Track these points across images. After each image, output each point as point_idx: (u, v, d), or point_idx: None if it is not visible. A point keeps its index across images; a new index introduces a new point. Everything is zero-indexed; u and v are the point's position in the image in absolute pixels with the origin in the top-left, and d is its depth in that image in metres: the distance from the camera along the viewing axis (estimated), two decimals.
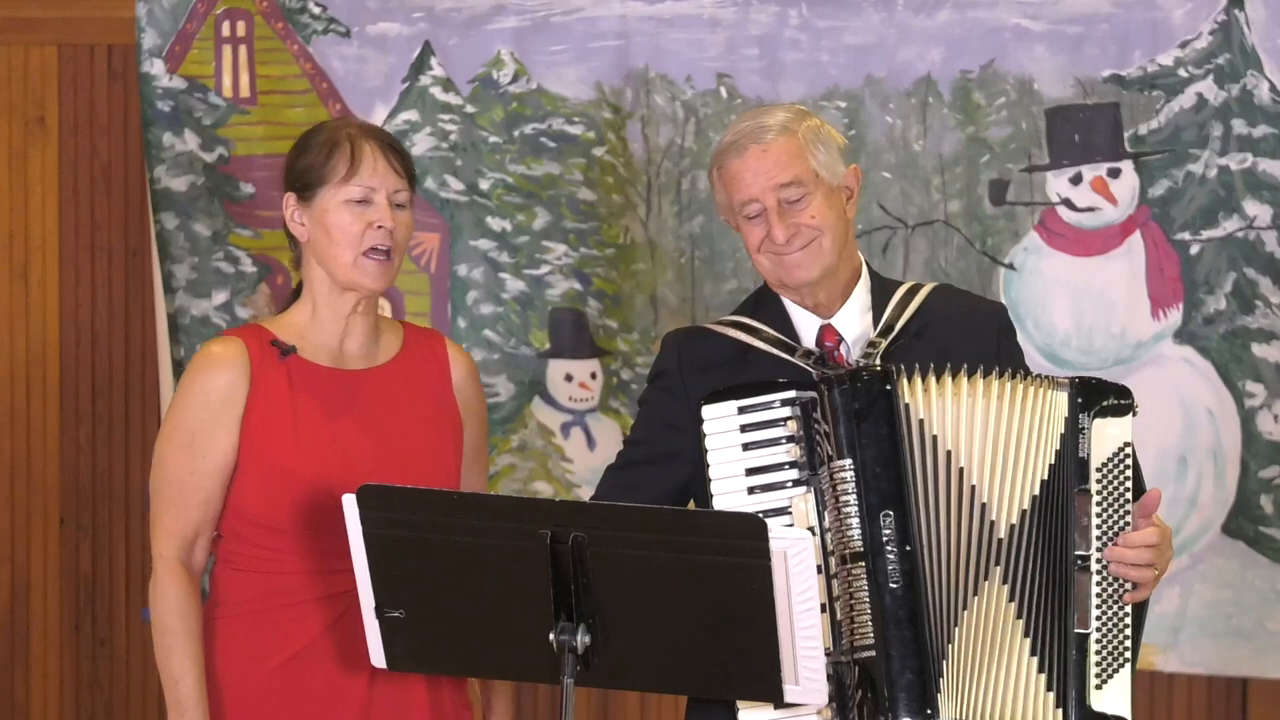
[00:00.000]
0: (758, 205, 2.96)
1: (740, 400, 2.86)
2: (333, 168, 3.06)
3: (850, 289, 3.02)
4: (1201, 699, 4.33)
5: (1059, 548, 2.82)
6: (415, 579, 2.77)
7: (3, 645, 4.75)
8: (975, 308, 3.10)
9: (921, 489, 2.82)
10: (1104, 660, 2.82)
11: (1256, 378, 4.15)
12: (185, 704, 3.03)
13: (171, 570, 3.05)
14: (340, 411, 3.08)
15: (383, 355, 3.16)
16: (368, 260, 3.06)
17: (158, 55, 4.44)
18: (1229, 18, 4.10)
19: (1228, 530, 4.17)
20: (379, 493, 2.75)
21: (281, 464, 3.02)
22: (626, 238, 4.35)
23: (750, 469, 2.86)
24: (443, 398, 3.18)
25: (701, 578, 2.64)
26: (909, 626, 2.79)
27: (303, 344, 3.10)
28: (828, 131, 3.01)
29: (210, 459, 3.05)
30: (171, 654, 3.04)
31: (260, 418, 3.05)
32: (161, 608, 3.06)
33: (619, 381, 4.37)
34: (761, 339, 3.01)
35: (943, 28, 4.20)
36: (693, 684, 2.82)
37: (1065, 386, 2.86)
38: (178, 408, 3.08)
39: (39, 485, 4.72)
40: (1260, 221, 4.12)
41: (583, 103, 4.34)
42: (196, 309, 4.48)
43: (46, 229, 4.70)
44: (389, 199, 3.06)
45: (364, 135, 3.09)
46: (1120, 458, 2.84)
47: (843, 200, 3.00)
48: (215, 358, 3.07)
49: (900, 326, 2.98)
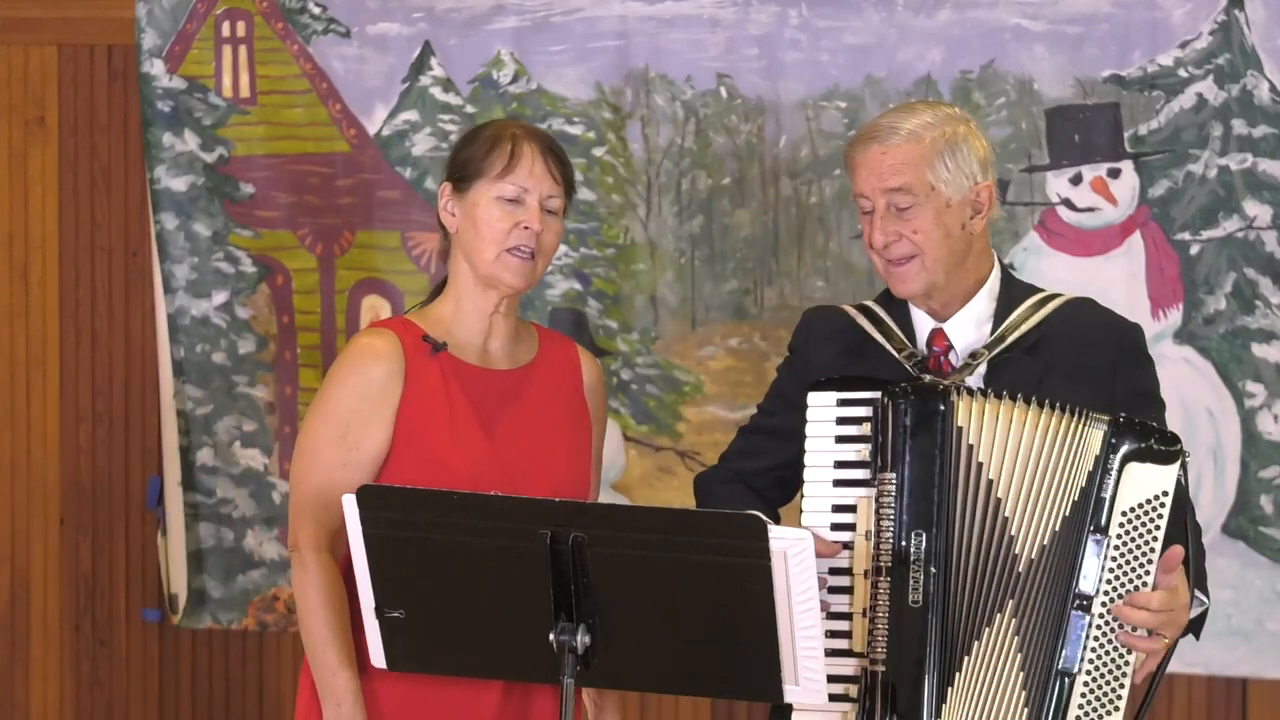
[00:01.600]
0: (868, 202, 2.96)
1: (840, 393, 2.88)
2: (491, 162, 3.05)
3: (971, 295, 3.00)
4: (1201, 699, 4.33)
5: (1063, 584, 2.79)
6: (415, 579, 2.77)
7: (3, 645, 4.75)
8: (1102, 326, 3.02)
9: (958, 513, 2.80)
10: (1091, 703, 2.79)
11: (1256, 378, 4.15)
12: (344, 697, 2.99)
13: (321, 559, 3.02)
14: (491, 411, 3.07)
15: (524, 357, 3.15)
16: (510, 256, 3.04)
17: (158, 55, 4.44)
18: (1229, 18, 4.10)
19: (1228, 530, 4.17)
20: (379, 493, 2.76)
21: (437, 458, 3.00)
22: (626, 238, 4.35)
23: (838, 462, 2.87)
24: (577, 403, 3.18)
25: (702, 578, 2.64)
26: (922, 648, 2.78)
27: (449, 340, 3.08)
28: (969, 142, 2.96)
29: (364, 450, 3.01)
30: (328, 644, 2.99)
31: (415, 411, 3.02)
32: (315, 598, 3.01)
33: (619, 381, 4.37)
34: (882, 332, 3.01)
35: (943, 28, 4.20)
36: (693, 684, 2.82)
37: (1103, 424, 2.80)
38: (331, 398, 3.04)
39: (39, 485, 4.72)
40: (1260, 221, 4.12)
41: (583, 103, 4.34)
42: (196, 309, 4.48)
43: (46, 229, 4.70)
44: (541, 202, 3.06)
45: (528, 136, 3.08)
46: (1154, 506, 2.78)
47: (962, 216, 2.95)
48: (372, 349, 3.04)
49: (1012, 340, 2.95)
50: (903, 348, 2.98)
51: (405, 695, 3.03)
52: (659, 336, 4.35)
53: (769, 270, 4.30)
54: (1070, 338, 2.96)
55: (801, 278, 4.27)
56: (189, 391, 4.50)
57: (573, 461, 3.13)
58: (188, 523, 4.53)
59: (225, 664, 4.69)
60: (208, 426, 4.52)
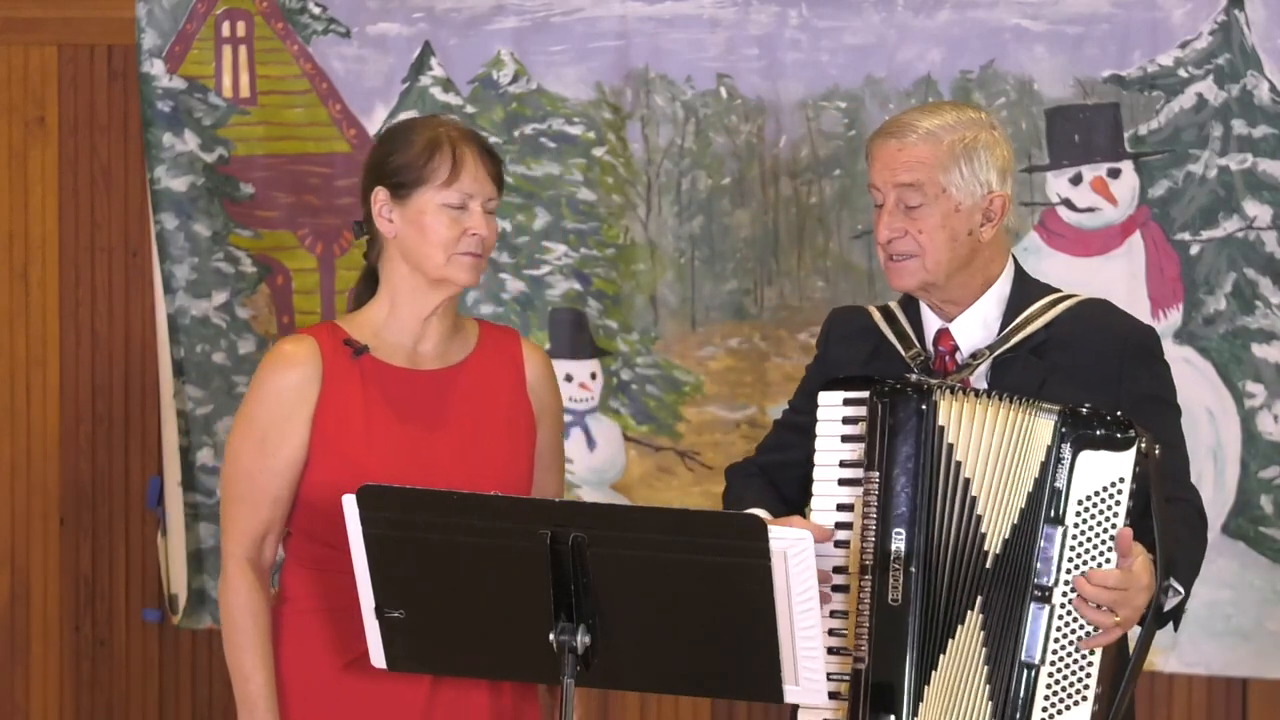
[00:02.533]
0: (879, 195, 2.98)
1: (846, 392, 2.90)
2: (434, 170, 3.05)
3: (978, 296, 3.00)
4: (1201, 699, 4.32)
5: (1024, 577, 2.80)
6: (415, 579, 2.77)
7: (3, 645, 4.75)
8: (1111, 328, 3.02)
9: (938, 512, 2.82)
10: (1056, 695, 2.79)
11: (1256, 378, 4.15)
12: (255, 703, 3.03)
13: (241, 568, 3.06)
14: (413, 412, 3.08)
15: (457, 355, 3.16)
16: (462, 257, 3.06)
17: (158, 55, 4.44)
18: (1229, 18, 4.09)
19: (1228, 530, 4.17)
20: (378, 493, 2.76)
21: (353, 462, 3.01)
22: (626, 238, 4.35)
23: (843, 461, 2.89)
24: (517, 398, 3.18)
25: (702, 578, 2.64)
26: (900, 646, 2.80)
27: (377, 343, 3.10)
28: (990, 150, 2.96)
29: (281, 457, 3.04)
30: (243, 652, 3.05)
31: (332, 416, 3.04)
32: (232, 605, 3.06)
33: (619, 382, 4.37)
34: (894, 332, 3.04)
35: (943, 28, 4.20)
36: (693, 684, 2.82)
37: (1052, 414, 2.81)
38: (250, 405, 3.08)
39: (39, 486, 4.72)
40: (1260, 222, 4.12)
41: (583, 103, 4.34)
42: (196, 309, 4.48)
43: (46, 229, 4.70)
44: (483, 205, 3.07)
45: (464, 139, 3.09)
46: (1110, 494, 2.78)
47: (971, 222, 2.95)
48: (288, 356, 3.07)
49: (1017, 341, 2.96)
50: (911, 347, 3.00)
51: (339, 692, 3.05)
52: (659, 337, 4.35)
53: (769, 270, 4.30)
54: (1078, 339, 2.97)
55: (801, 278, 4.27)
56: (189, 391, 4.50)
57: (509, 458, 3.12)
58: (188, 523, 4.53)
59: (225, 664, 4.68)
60: (208, 427, 4.52)
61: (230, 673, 3.08)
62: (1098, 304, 3.07)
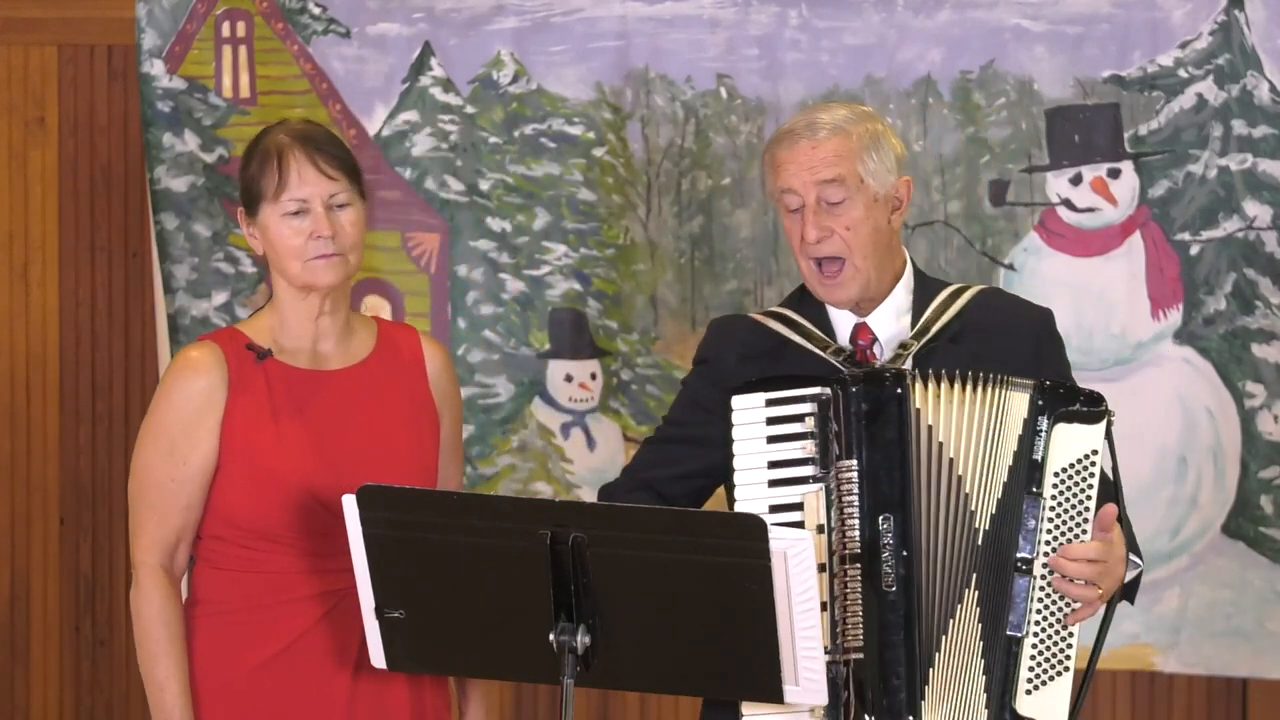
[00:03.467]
0: (797, 198, 2.97)
1: (768, 393, 2.88)
2: (266, 184, 3.06)
3: (890, 289, 3.02)
4: (1201, 699, 4.33)
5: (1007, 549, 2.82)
6: (415, 579, 2.77)
7: (3, 645, 4.75)
8: (1017, 313, 3.07)
9: (924, 494, 2.82)
10: (1040, 665, 2.80)
11: (1256, 378, 4.15)
12: (170, 712, 3.03)
13: (154, 577, 3.05)
14: (320, 412, 3.08)
15: (358, 353, 3.16)
16: (315, 262, 3.05)
17: (158, 56, 4.44)
18: (1229, 18, 4.10)
19: (1227, 530, 4.17)
20: (379, 493, 2.75)
21: (264, 466, 3.02)
22: (626, 238, 4.35)
23: (772, 462, 2.87)
24: (419, 393, 3.18)
25: (701, 578, 2.64)
26: (901, 632, 2.79)
27: (277, 347, 3.10)
28: (887, 139, 3.00)
29: (191, 465, 3.04)
30: (156, 661, 3.03)
31: (241, 421, 3.05)
32: (146, 615, 3.05)
33: (619, 382, 4.37)
34: (799, 333, 3.02)
35: (943, 28, 4.20)
36: (692, 685, 2.82)
37: (1027, 389, 2.84)
38: (156, 414, 3.08)
39: (39, 485, 4.72)
40: (1260, 222, 4.12)
41: (583, 103, 4.33)
42: (196, 309, 4.48)
43: (46, 229, 4.70)
44: (325, 204, 3.05)
45: (292, 143, 3.06)
46: (1084, 465, 2.82)
47: (887, 211, 2.99)
48: (192, 363, 3.07)
49: (936, 330, 2.98)
50: (826, 345, 2.99)
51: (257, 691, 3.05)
52: (659, 337, 4.35)
53: (769, 271, 4.30)
54: (991, 326, 3.00)
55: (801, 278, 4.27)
56: None
57: (415, 454, 3.12)
58: None
59: None
60: None
61: (144, 683, 3.06)
62: (995, 292, 3.15)
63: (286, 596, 3.04)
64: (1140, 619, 4.16)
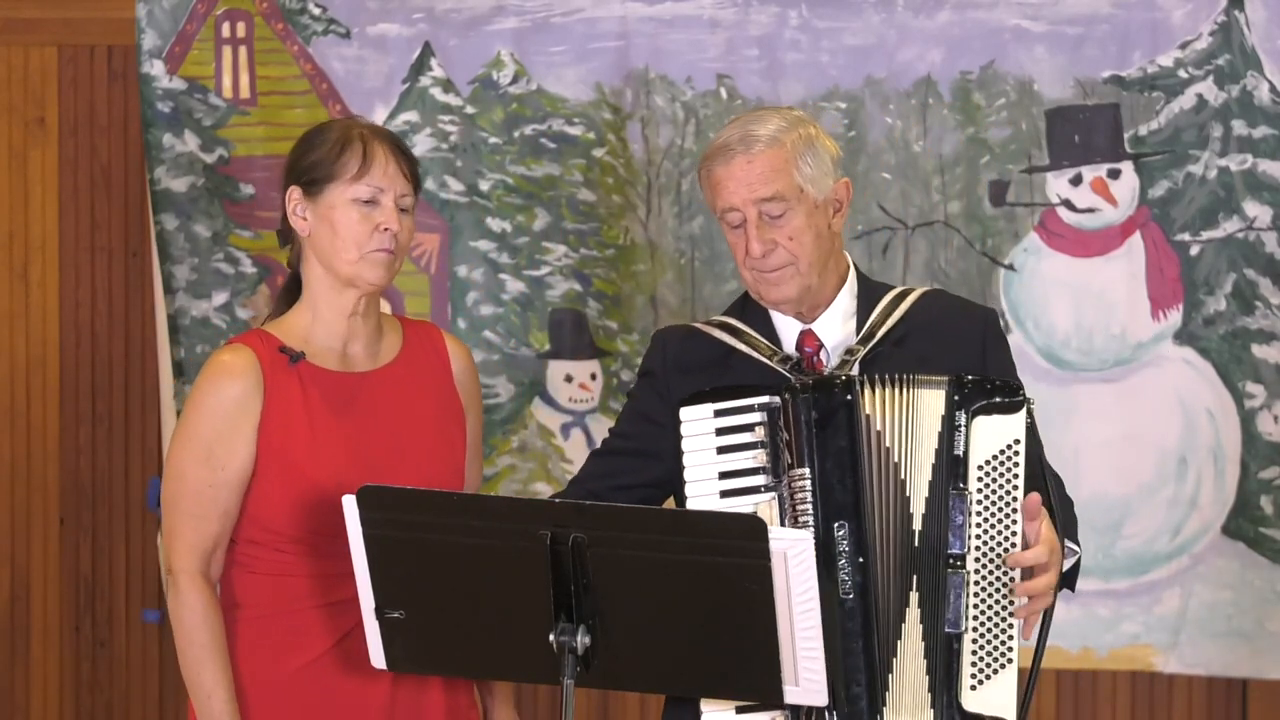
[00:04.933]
0: (738, 215, 2.96)
1: (716, 404, 2.87)
2: (344, 165, 3.04)
3: (834, 295, 3.01)
4: (1201, 700, 4.33)
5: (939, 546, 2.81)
6: (415, 580, 2.77)
7: (3, 646, 4.75)
8: (961, 313, 3.06)
9: (874, 500, 2.82)
10: (981, 660, 2.80)
11: (1256, 378, 4.15)
12: (219, 718, 3.01)
13: (194, 583, 3.03)
14: (352, 414, 3.08)
15: (386, 354, 3.16)
16: (375, 254, 3.05)
17: (158, 56, 4.44)
18: (1229, 19, 4.10)
19: (1228, 531, 4.17)
20: (379, 494, 2.75)
21: (300, 471, 3.01)
22: (626, 238, 4.35)
23: (723, 472, 2.86)
24: (446, 392, 3.18)
25: (701, 579, 2.64)
26: (859, 639, 2.79)
27: (308, 348, 3.09)
28: (821, 142, 2.98)
29: (229, 470, 3.03)
30: (202, 666, 3.01)
31: (276, 425, 3.03)
32: (189, 622, 3.02)
33: (619, 382, 4.37)
34: (744, 341, 3.01)
35: (943, 28, 4.20)
36: (692, 685, 2.81)
37: (941, 385, 2.83)
38: (192, 420, 3.05)
39: (39, 485, 4.72)
40: (1260, 222, 4.12)
41: (583, 103, 4.34)
42: (196, 310, 4.48)
43: (46, 229, 4.70)
44: (395, 202, 3.06)
45: (376, 136, 3.08)
46: (1007, 455, 2.81)
47: (828, 215, 2.98)
48: (227, 367, 3.05)
49: (882, 334, 2.97)
50: (773, 353, 2.98)
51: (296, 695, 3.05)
52: None
53: None
54: (935, 328, 2.99)
55: None
56: (189, 392, 4.50)
57: (445, 454, 3.13)
58: None
59: None
60: None
61: (189, 689, 3.04)
62: (939, 294, 3.11)
63: (324, 600, 3.03)
64: (1140, 619, 4.16)
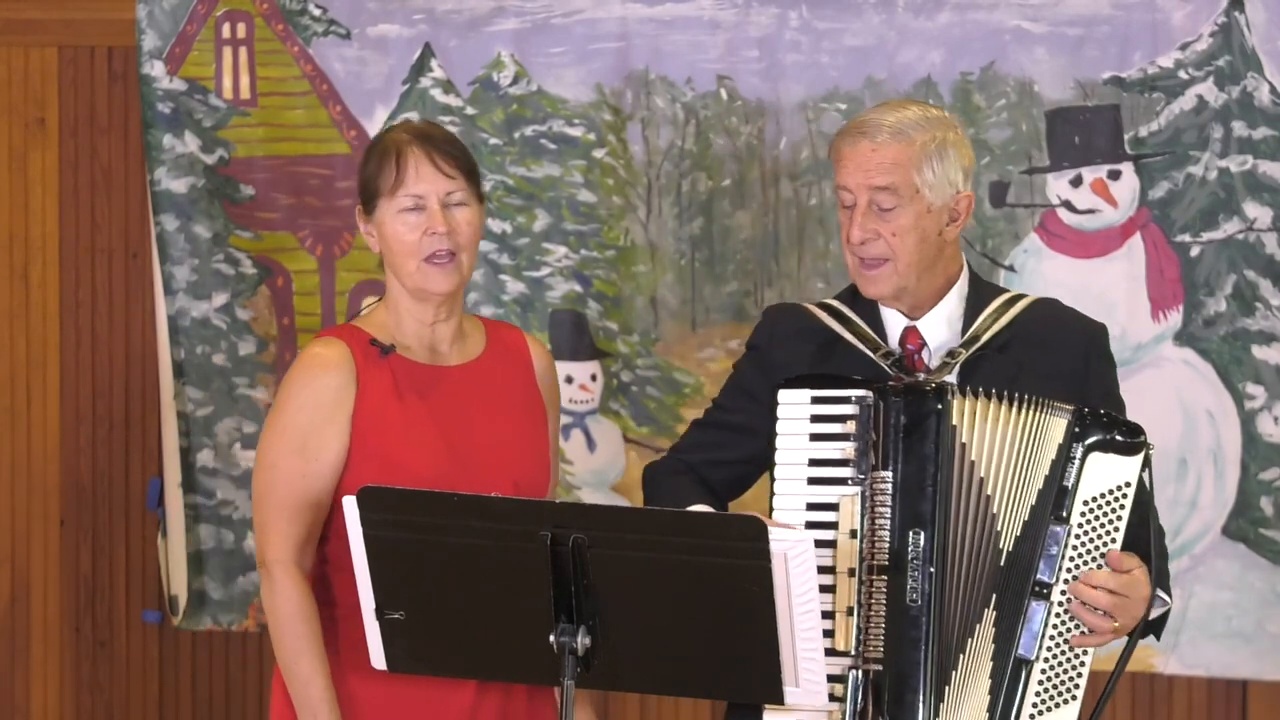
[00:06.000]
0: (850, 196, 2.95)
1: (815, 390, 2.87)
2: (384, 179, 3.07)
3: (942, 294, 3.00)
4: (1201, 701, 4.32)
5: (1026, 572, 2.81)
6: (416, 580, 2.77)
7: (3, 647, 4.75)
8: (1069, 326, 3.04)
9: (953, 513, 2.81)
10: (1047, 691, 2.80)
11: (1257, 380, 4.15)
12: (318, 707, 3.01)
13: (290, 573, 3.04)
14: (445, 407, 3.09)
15: (473, 351, 3.18)
16: (430, 266, 3.06)
17: (158, 57, 4.44)
18: (1229, 20, 4.10)
19: (1228, 532, 4.17)
20: (379, 494, 2.76)
21: (395, 461, 3.02)
22: (627, 240, 4.35)
23: (813, 460, 2.86)
24: (530, 390, 3.20)
25: (702, 579, 2.64)
26: (920, 648, 2.78)
27: (396, 343, 3.11)
28: (956, 150, 2.96)
29: (323, 461, 3.04)
30: (300, 656, 3.02)
31: (370, 417, 3.04)
32: (285, 612, 3.03)
33: (619, 383, 4.37)
34: (850, 330, 3.00)
35: (943, 29, 4.20)
36: (693, 686, 2.82)
37: (1066, 414, 2.82)
38: (286, 411, 3.07)
39: (39, 486, 4.72)
40: (1260, 223, 4.12)
41: (583, 105, 4.34)
42: (197, 310, 4.48)
43: (47, 230, 4.70)
44: (441, 201, 3.06)
45: (412, 141, 3.08)
46: (1115, 497, 2.81)
47: (940, 221, 2.95)
48: (322, 360, 3.07)
49: (986, 339, 2.95)
50: (877, 347, 2.98)
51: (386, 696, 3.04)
52: (659, 338, 4.35)
53: (769, 272, 4.30)
54: (1040, 338, 2.98)
55: (802, 279, 4.27)
56: (189, 393, 4.50)
57: (531, 452, 3.14)
58: (188, 524, 4.53)
59: (225, 666, 4.69)
60: (208, 428, 4.52)
61: (287, 679, 3.04)
62: (1051, 303, 3.09)
63: None
64: None
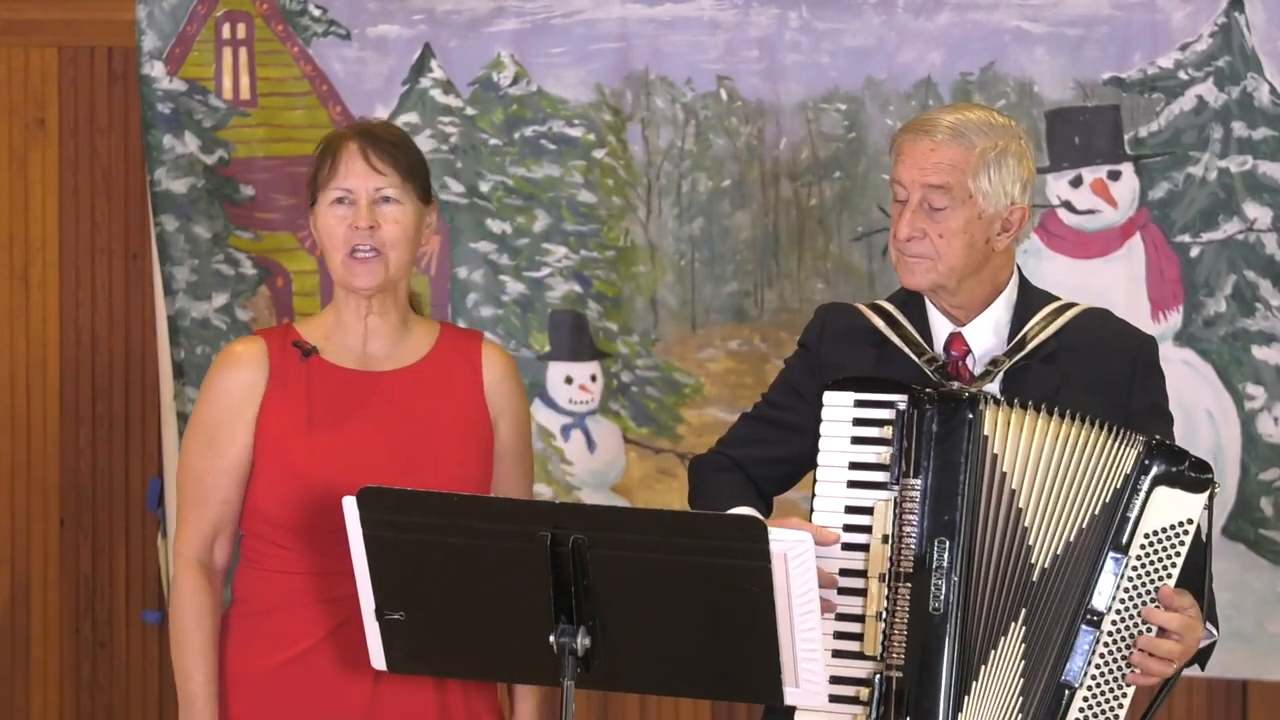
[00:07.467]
0: (903, 191, 2.95)
1: (858, 394, 2.88)
2: (321, 173, 3.11)
3: (989, 301, 2.99)
4: (1201, 702, 4.32)
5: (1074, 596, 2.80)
6: (415, 581, 2.77)
7: (3, 647, 4.75)
8: (1117, 337, 3.03)
9: (980, 523, 2.80)
10: (1088, 717, 2.79)
11: (1257, 380, 4.15)
12: (193, 701, 3.07)
13: (189, 569, 3.09)
14: (357, 414, 3.09)
15: (410, 356, 3.17)
16: (353, 261, 3.08)
17: (158, 57, 4.44)
18: (1229, 20, 4.10)
19: (1228, 533, 4.17)
20: (379, 494, 2.76)
21: (292, 464, 3.04)
22: (626, 240, 4.35)
23: (853, 463, 2.87)
24: (471, 400, 3.18)
25: (702, 580, 2.64)
26: (941, 656, 2.78)
27: (327, 345, 3.13)
28: (1018, 161, 2.94)
29: (227, 457, 3.07)
30: (184, 651, 3.08)
31: (275, 417, 3.07)
32: (176, 605, 3.10)
33: (619, 384, 4.37)
34: (898, 334, 3.00)
35: (943, 30, 4.20)
36: (693, 686, 2.82)
37: (1139, 444, 2.82)
38: (199, 406, 3.13)
39: (39, 486, 4.72)
40: (1260, 224, 4.12)
41: (583, 105, 4.33)
42: (197, 311, 4.48)
43: (47, 231, 4.70)
44: (370, 197, 3.07)
45: (352, 137, 3.11)
46: (1177, 533, 2.80)
47: (991, 230, 2.94)
48: (235, 357, 3.11)
49: (1031, 348, 2.94)
50: (922, 351, 2.97)
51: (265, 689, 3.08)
52: (659, 339, 4.35)
53: (769, 272, 4.30)
54: (1087, 349, 2.97)
55: (802, 280, 4.27)
56: (189, 393, 4.50)
57: (457, 461, 3.11)
58: None
59: None
60: None
61: (175, 672, 3.11)
62: (1100, 313, 3.07)
63: (310, 599, 3.06)
64: None
